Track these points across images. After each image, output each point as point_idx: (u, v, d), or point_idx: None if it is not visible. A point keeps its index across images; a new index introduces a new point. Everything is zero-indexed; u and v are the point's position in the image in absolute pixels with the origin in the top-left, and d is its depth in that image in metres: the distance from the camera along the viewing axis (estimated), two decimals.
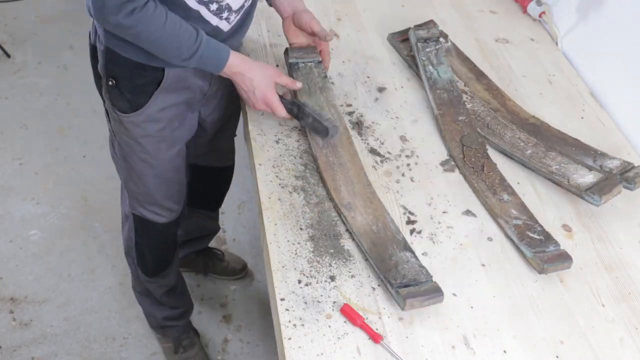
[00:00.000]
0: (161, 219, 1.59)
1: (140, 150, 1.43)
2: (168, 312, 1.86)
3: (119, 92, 1.35)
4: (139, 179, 1.50)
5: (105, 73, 1.34)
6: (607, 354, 1.09)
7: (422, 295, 1.09)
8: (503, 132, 1.44)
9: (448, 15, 1.81)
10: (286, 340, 1.05)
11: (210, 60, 1.28)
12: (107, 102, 1.39)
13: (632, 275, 1.22)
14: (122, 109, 1.37)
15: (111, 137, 1.51)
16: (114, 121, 1.41)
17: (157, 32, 1.20)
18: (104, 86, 1.37)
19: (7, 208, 2.32)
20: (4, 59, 2.91)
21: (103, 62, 1.33)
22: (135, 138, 1.41)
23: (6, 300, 2.07)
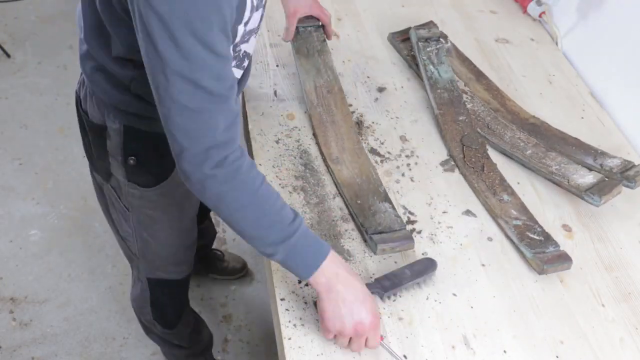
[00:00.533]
0: (182, 275, 1.54)
1: (167, 218, 1.33)
2: (188, 352, 1.81)
3: (141, 169, 1.22)
4: (162, 247, 1.40)
5: (123, 152, 1.20)
6: (607, 354, 1.09)
7: (393, 241, 1.17)
8: (503, 132, 1.44)
9: (448, 15, 1.81)
10: (286, 340, 1.05)
11: (305, 252, 0.99)
12: (122, 179, 1.25)
13: (632, 275, 1.22)
14: (145, 183, 1.24)
15: (122, 214, 1.34)
16: (132, 197, 1.28)
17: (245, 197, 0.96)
18: (117, 165, 1.23)
19: (7, 208, 2.32)
20: (4, 59, 2.91)
21: (120, 141, 1.18)
22: (161, 208, 1.30)
23: (6, 300, 2.07)
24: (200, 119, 0.91)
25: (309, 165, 1.34)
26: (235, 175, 0.95)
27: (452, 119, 1.45)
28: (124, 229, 1.39)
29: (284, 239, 0.98)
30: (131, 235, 1.39)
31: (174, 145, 0.95)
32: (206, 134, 0.92)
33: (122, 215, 1.35)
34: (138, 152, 1.20)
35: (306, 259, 0.99)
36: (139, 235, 1.38)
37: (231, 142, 0.94)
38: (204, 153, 0.93)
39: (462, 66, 1.60)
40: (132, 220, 1.34)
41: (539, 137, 1.42)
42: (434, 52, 1.55)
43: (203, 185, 0.95)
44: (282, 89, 1.50)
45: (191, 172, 0.95)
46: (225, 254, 2.15)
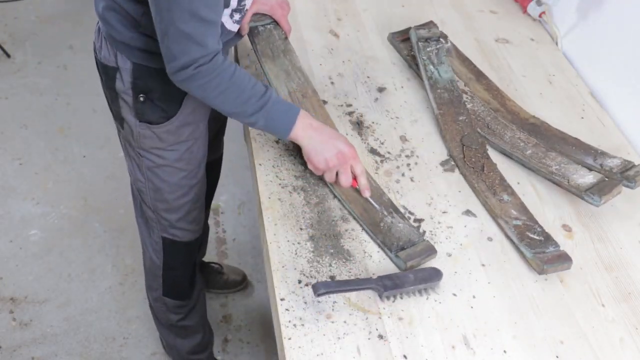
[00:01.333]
0: (193, 235, 1.57)
1: (176, 158, 1.40)
2: (192, 344, 1.82)
3: (151, 105, 1.32)
4: (173, 193, 1.46)
5: (133, 90, 1.31)
6: (607, 354, 1.09)
7: (419, 255, 1.17)
8: (503, 132, 1.44)
9: (448, 15, 1.81)
10: (286, 340, 1.05)
11: (280, 114, 1.22)
12: (133, 120, 1.35)
13: (632, 275, 1.22)
14: (155, 120, 1.34)
15: (135, 160, 1.44)
16: (144, 138, 1.37)
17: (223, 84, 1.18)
18: (127, 105, 1.33)
19: (7, 208, 2.32)
20: (4, 59, 2.91)
21: (130, 79, 1.30)
22: (170, 147, 1.38)
23: (6, 300, 2.07)
24: (192, 40, 1.12)
25: None
26: (213, 69, 1.16)
27: (452, 119, 1.45)
28: (137, 177, 1.47)
29: (261, 107, 1.20)
30: (144, 185, 1.47)
31: (167, 54, 1.15)
32: (195, 50, 1.13)
33: (136, 162, 1.44)
34: (147, 89, 1.30)
35: (283, 119, 1.22)
36: (150, 183, 1.45)
37: (212, 50, 1.15)
38: (191, 61, 1.14)
39: (462, 66, 1.60)
40: (144, 167, 1.43)
41: (539, 137, 1.42)
42: (434, 52, 1.55)
43: (190, 80, 1.16)
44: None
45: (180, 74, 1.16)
46: (224, 267, 2.14)
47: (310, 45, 1.64)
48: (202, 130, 1.43)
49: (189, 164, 1.44)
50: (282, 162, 1.33)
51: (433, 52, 1.55)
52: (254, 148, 1.36)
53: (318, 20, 1.73)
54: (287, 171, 1.32)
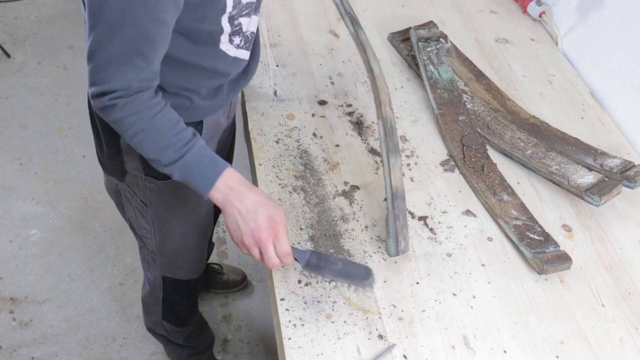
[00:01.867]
0: (196, 274, 1.55)
1: (184, 211, 1.34)
2: (192, 350, 1.82)
3: None
4: (180, 240, 1.41)
5: None
6: (607, 354, 1.09)
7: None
8: (503, 132, 1.44)
9: (448, 15, 1.81)
10: (286, 340, 1.05)
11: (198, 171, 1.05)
12: (138, 174, 1.26)
13: (632, 275, 1.22)
14: (163, 175, 1.19)
15: (139, 210, 1.36)
16: (150, 192, 1.29)
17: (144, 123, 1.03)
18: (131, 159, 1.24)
19: (7, 208, 2.32)
20: (4, 59, 2.91)
21: None
22: (179, 200, 1.31)
23: (6, 300, 2.07)
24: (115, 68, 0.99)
25: (309, 165, 1.34)
26: (133, 105, 1.02)
27: (452, 119, 1.45)
28: (141, 225, 1.39)
29: (177, 159, 1.04)
30: (149, 232, 1.40)
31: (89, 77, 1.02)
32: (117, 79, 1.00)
33: (140, 211, 1.36)
34: None
35: (201, 177, 1.06)
36: (157, 231, 1.39)
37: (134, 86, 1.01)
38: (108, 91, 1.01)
39: (462, 66, 1.60)
40: (150, 216, 1.35)
41: (539, 137, 1.42)
42: (434, 52, 1.55)
43: (105, 110, 1.03)
44: (282, 89, 1.50)
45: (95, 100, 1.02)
46: (223, 267, 2.14)
47: (310, 45, 1.64)
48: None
49: (197, 214, 1.39)
50: (282, 162, 1.33)
51: (433, 52, 1.55)
52: (254, 148, 1.36)
53: (318, 20, 1.73)
54: (287, 171, 1.32)
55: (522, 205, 1.29)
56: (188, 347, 1.80)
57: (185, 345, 1.77)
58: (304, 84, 1.53)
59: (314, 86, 1.53)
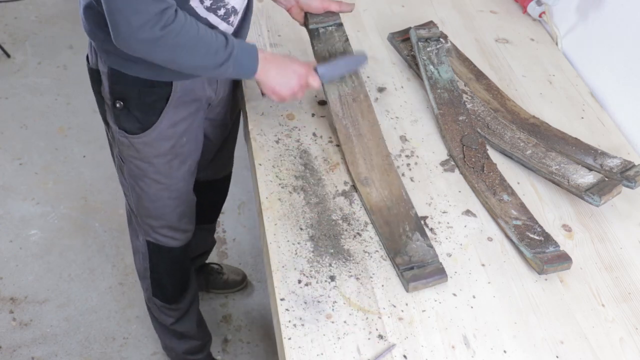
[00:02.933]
0: (177, 243, 1.56)
1: (153, 171, 1.39)
2: (188, 346, 1.82)
3: (128, 113, 1.30)
4: (153, 203, 1.45)
5: (111, 96, 1.29)
6: (607, 354, 1.09)
7: (425, 277, 1.13)
8: (503, 132, 1.44)
9: (448, 15, 1.81)
10: (286, 340, 1.05)
11: (245, 58, 1.21)
12: (114, 126, 1.34)
13: (632, 275, 1.22)
14: (132, 130, 1.32)
15: (119, 165, 1.44)
16: (123, 146, 1.36)
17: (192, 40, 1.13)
18: (109, 110, 1.33)
19: (7, 208, 2.32)
20: (4, 59, 2.91)
21: (108, 84, 1.28)
22: (147, 159, 1.36)
23: (6, 300, 2.07)
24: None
25: (309, 165, 1.34)
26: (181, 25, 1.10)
27: (452, 119, 1.45)
28: (122, 182, 1.47)
29: (229, 55, 1.18)
30: (127, 189, 1.47)
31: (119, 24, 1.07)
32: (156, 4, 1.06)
33: (119, 167, 1.44)
34: (124, 95, 1.28)
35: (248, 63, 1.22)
36: (132, 188, 1.44)
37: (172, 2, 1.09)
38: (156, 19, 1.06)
39: (462, 66, 1.60)
40: (126, 172, 1.42)
41: (538, 137, 1.42)
42: (434, 52, 1.55)
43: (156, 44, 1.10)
44: None
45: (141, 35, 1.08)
46: (223, 267, 2.14)
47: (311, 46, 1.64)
48: (187, 145, 1.40)
49: (168, 178, 1.41)
50: (282, 162, 1.34)
51: (433, 52, 1.54)
52: (254, 148, 1.36)
53: None
54: (287, 171, 1.32)
55: (522, 206, 1.29)
56: (184, 340, 1.79)
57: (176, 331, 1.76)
58: None
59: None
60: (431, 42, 1.56)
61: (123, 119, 1.31)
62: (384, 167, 1.31)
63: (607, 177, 1.32)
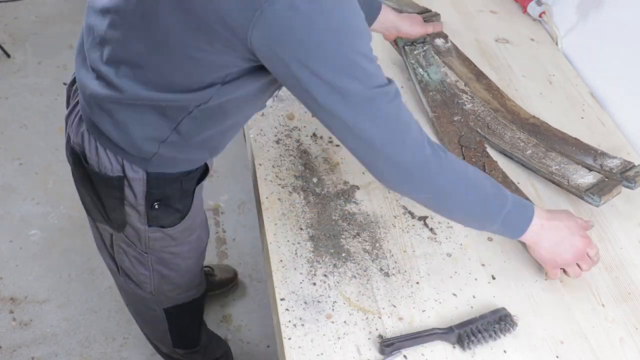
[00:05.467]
0: (201, 292, 1.51)
1: (188, 249, 1.31)
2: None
3: (167, 209, 1.19)
4: (182, 278, 1.38)
5: (147, 201, 1.16)
6: (607, 354, 1.09)
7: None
8: (503, 132, 1.44)
9: (448, 15, 1.81)
10: (286, 340, 1.05)
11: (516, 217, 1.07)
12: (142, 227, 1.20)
13: (632, 275, 1.22)
14: (170, 224, 1.22)
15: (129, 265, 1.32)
16: (153, 241, 1.24)
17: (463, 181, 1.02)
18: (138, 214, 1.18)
19: (7, 208, 2.32)
20: (4, 59, 2.91)
21: (144, 189, 1.14)
22: (182, 241, 1.28)
23: (6, 300, 2.07)
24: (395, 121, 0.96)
25: (309, 165, 1.34)
26: (447, 163, 1.00)
27: (447, 120, 1.45)
28: (138, 272, 1.33)
29: (501, 207, 1.05)
30: (148, 277, 1.34)
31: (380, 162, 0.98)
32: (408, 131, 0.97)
33: (138, 260, 1.30)
34: (164, 195, 1.17)
35: (518, 224, 1.08)
36: (156, 274, 1.34)
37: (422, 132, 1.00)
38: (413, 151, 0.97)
39: (462, 66, 1.60)
40: (151, 262, 1.30)
41: (538, 137, 1.42)
42: (421, 54, 1.54)
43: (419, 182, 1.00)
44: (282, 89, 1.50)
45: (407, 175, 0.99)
46: (214, 267, 2.11)
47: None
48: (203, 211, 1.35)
49: (199, 248, 1.38)
50: (282, 162, 1.34)
51: (420, 54, 1.53)
52: (254, 148, 1.36)
53: None
54: (287, 171, 1.32)
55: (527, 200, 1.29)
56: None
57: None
58: None
59: None
60: (417, 44, 1.55)
61: (162, 216, 1.20)
62: None
63: (607, 177, 1.31)
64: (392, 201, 1.29)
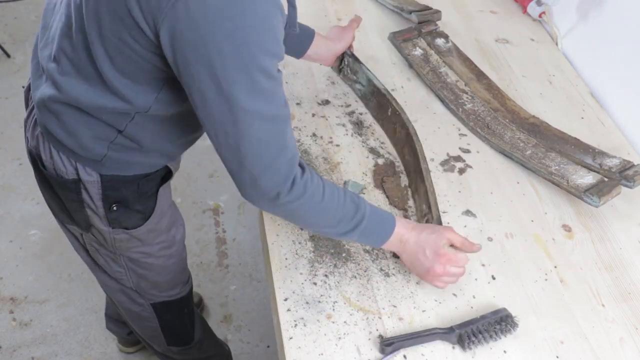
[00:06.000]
0: (185, 292, 1.50)
1: (158, 249, 1.31)
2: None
3: (126, 211, 1.19)
4: (159, 275, 1.37)
5: (104, 202, 1.16)
6: (607, 354, 1.09)
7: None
8: (503, 132, 1.44)
9: (448, 15, 1.81)
10: (286, 340, 1.05)
11: (374, 230, 1.10)
12: (105, 228, 1.21)
13: (632, 275, 1.22)
14: (133, 225, 1.21)
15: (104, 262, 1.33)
16: (120, 242, 1.24)
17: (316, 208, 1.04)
18: (97, 216, 1.18)
19: (7, 208, 2.32)
20: (4, 59, 2.91)
21: (100, 192, 1.14)
22: (151, 242, 1.28)
23: (6, 300, 2.07)
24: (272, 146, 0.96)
25: (309, 165, 1.34)
26: (304, 192, 1.01)
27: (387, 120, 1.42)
28: (114, 270, 1.34)
29: (355, 227, 1.07)
30: (124, 275, 1.35)
31: (244, 176, 0.99)
32: (279, 158, 0.97)
33: (111, 258, 1.31)
34: (121, 197, 1.16)
35: (377, 235, 1.10)
36: (132, 273, 1.34)
37: (296, 160, 1.01)
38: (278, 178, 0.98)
39: (462, 66, 1.60)
40: (123, 261, 1.31)
41: (538, 137, 1.42)
42: (348, 69, 1.52)
43: (274, 206, 1.02)
44: None
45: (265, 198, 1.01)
46: None
47: None
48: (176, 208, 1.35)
49: (172, 246, 1.35)
50: None
51: (347, 70, 1.52)
52: None
53: (318, 21, 1.73)
54: None
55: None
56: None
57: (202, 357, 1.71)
58: (304, 84, 1.53)
59: (314, 86, 1.53)
60: (342, 65, 1.53)
61: (122, 218, 1.20)
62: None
63: (606, 177, 1.32)
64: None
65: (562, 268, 1.21)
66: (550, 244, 1.25)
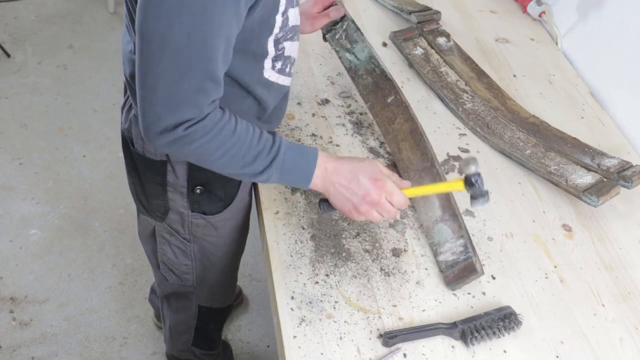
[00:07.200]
0: (230, 301, 1.54)
1: (229, 242, 1.32)
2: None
3: (209, 195, 1.21)
4: (221, 273, 1.39)
5: (188, 184, 1.19)
6: (607, 354, 1.09)
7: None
8: (503, 131, 1.44)
9: (448, 15, 1.81)
10: (286, 340, 1.05)
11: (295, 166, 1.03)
12: (186, 211, 1.23)
13: (632, 275, 1.22)
14: (212, 211, 1.23)
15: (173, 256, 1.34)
16: (195, 227, 1.26)
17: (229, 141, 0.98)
18: (181, 198, 1.21)
19: (7, 208, 2.32)
20: (4, 59, 2.91)
21: (186, 172, 1.17)
22: (225, 233, 1.29)
23: (6, 300, 2.07)
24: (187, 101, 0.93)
25: None
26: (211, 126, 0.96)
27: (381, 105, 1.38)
28: (181, 263, 1.36)
29: (271, 162, 1.01)
30: (190, 267, 1.37)
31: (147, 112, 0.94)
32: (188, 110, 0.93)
33: (181, 249, 1.33)
34: (205, 180, 1.19)
35: (299, 171, 1.04)
36: (199, 264, 1.36)
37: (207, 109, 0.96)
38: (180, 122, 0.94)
39: (463, 65, 1.60)
40: (193, 251, 1.33)
41: (538, 137, 1.42)
42: (343, 35, 1.41)
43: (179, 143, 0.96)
44: None
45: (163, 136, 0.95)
46: None
47: (311, 45, 1.64)
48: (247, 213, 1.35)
49: (240, 245, 1.39)
50: None
51: (342, 36, 1.41)
52: None
53: None
54: None
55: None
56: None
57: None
58: (304, 83, 1.53)
59: (314, 86, 1.53)
60: (336, 27, 1.41)
61: (204, 202, 1.22)
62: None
63: (605, 177, 1.32)
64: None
65: (562, 268, 1.21)
66: (550, 244, 1.25)
